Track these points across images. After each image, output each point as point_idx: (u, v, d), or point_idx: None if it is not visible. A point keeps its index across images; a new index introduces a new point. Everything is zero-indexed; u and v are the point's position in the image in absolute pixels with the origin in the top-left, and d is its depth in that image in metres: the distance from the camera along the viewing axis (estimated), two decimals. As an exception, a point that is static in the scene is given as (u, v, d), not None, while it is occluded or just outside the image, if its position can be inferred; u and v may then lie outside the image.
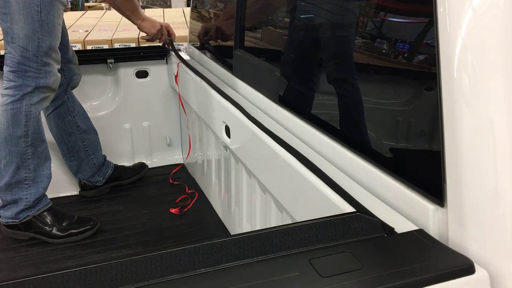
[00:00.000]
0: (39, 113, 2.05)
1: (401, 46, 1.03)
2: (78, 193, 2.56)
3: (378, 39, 1.11)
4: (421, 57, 0.96)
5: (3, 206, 2.10)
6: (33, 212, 2.10)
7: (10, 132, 1.99)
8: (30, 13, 1.90)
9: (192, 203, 2.43)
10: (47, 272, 0.78)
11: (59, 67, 2.07)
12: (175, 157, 2.90)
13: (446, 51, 0.85)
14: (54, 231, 2.12)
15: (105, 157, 2.57)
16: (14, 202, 2.07)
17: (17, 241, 2.13)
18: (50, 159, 2.14)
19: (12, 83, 1.97)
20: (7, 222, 2.10)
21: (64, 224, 2.15)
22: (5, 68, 2.00)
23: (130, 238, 2.17)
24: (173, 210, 2.37)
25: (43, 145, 2.09)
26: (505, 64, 0.80)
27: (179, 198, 2.48)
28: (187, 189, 2.56)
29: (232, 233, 2.07)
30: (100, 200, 2.50)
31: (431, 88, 0.90)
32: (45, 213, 2.13)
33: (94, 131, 2.49)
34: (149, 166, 2.81)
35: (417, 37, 0.97)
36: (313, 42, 1.41)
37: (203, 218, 2.31)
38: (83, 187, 2.54)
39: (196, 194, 2.49)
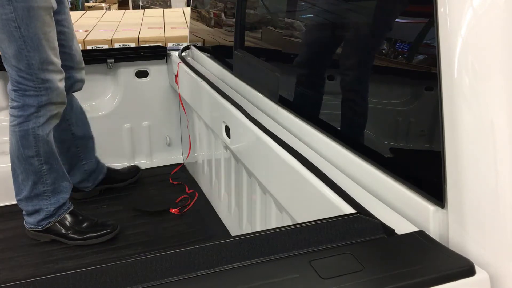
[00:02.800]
0: (49, 133, 1.99)
1: (401, 46, 1.03)
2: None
3: (378, 39, 1.10)
4: (421, 57, 0.96)
5: (27, 214, 2.11)
6: (54, 218, 2.10)
7: (22, 153, 1.97)
8: (9, 31, 1.79)
9: (192, 203, 2.43)
10: (47, 272, 0.78)
11: (62, 76, 1.97)
12: (175, 157, 2.89)
13: (446, 51, 0.85)
14: (72, 233, 2.11)
15: (98, 162, 2.49)
16: (36, 211, 2.08)
17: (18, 241, 2.13)
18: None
19: (15, 103, 1.92)
20: (31, 228, 2.11)
21: (83, 226, 2.14)
22: (8, 86, 1.94)
23: (130, 238, 2.17)
24: (173, 210, 2.37)
25: (59, 162, 2.08)
26: (505, 64, 0.80)
27: (179, 198, 2.48)
28: (187, 189, 2.56)
29: (232, 233, 2.07)
30: (100, 200, 2.49)
31: (431, 88, 0.90)
32: (66, 215, 2.13)
33: (91, 138, 2.41)
34: (149, 166, 2.81)
35: (417, 37, 0.97)
36: (313, 42, 1.41)
37: (203, 218, 2.31)
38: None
39: (196, 194, 2.49)
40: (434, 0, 0.87)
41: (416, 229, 0.90)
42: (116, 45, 3.26)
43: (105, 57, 2.62)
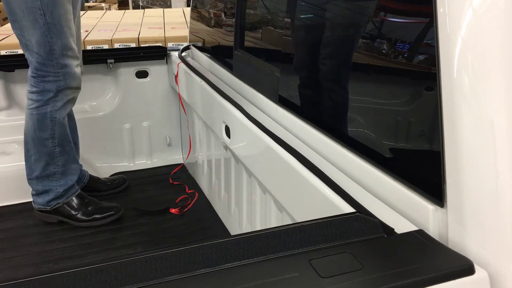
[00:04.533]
0: (64, 117, 2.09)
1: (401, 46, 1.03)
2: None
3: (378, 39, 1.11)
4: (421, 57, 0.96)
5: (36, 194, 2.20)
6: (62, 200, 2.20)
7: (37, 135, 2.06)
8: (34, 18, 1.88)
9: (192, 203, 2.43)
10: (47, 272, 0.78)
11: (78, 62, 2.07)
12: (175, 157, 2.90)
13: (446, 51, 0.85)
14: (80, 215, 2.22)
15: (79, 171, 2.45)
16: (45, 192, 2.17)
17: (17, 241, 2.13)
18: (78, 155, 2.26)
19: (34, 89, 2.01)
20: (39, 208, 2.21)
21: (89, 208, 2.24)
22: (28, 73, 2.03)
23: (130, 238, 2.17)
24: (173, 210, 2.37)
25: (71, 144, 2.17)
26: (505, 64, 0.80)
27: (179, 198, 2.48)
28: (187, 189, 2.56)
29: (232, 233, 2.07)
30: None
31: (431, 88, 0.90)
32: (73, 198, 2.23)
33: (75, 144, 2.39)
34: (149, 166, 2.81)
35: (417, 37, 0.97)
36: (313, 42, 1.41)
37: (203, 218, 2.31)
38: None
39: (196, 194, 2.49)
40: (433, 0, 0.87)
41: (416, 228, 0.90)
42: (116, 45, 3.26)
43: (105, 57, 2.62)
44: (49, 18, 1.89)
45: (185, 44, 2.80)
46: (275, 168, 1.40)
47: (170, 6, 8.16)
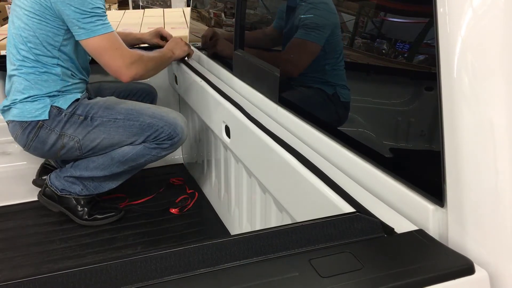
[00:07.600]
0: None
1: (401, 46, 1.03)
2: None
3: (378, 39, 1.11)
4: (421, 57, 0.96)
5: (57, 176, 2.21)
6: (73, 196, 2.23)
7: (129, 159, 2.15)
8: None
9: (192, 203, 2.43)
10: (47, 272, 0.78)
11: None
12: (175, 157, 2.89)
13: (446, 51, 0.85)
14: (83, 213, 2.23)
15: None
16: (68, 187, 2.20)
17: (17, 241, 2.13)
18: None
19: None
20: (51, 186, 2.21)
21: (92, 208, 2.27)
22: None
23: (130, 238, 2.17)
24: (173, 210, 2.37)
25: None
26: (505, 64, 0.80)
27: (179, 198, 2.48)
28: (187, 189, 2.56)
29: (232, 233, 2.07)
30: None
31: (431, 88, 0.90)
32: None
33: None
34: (149, 166, 2.80)
35: (417, 37, 0.97)
36: (313, 41, 1.41)
37: (203, 218, 2.31)
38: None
39: (196, 194, 2.49)
40: (433, 0, 0.87)
41: (416, 228, 0.90)
42: (116, 45, 3.25)
43: None
44: None
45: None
46: (275, 168, 1.40)
47: (170, 6, 8.16)
